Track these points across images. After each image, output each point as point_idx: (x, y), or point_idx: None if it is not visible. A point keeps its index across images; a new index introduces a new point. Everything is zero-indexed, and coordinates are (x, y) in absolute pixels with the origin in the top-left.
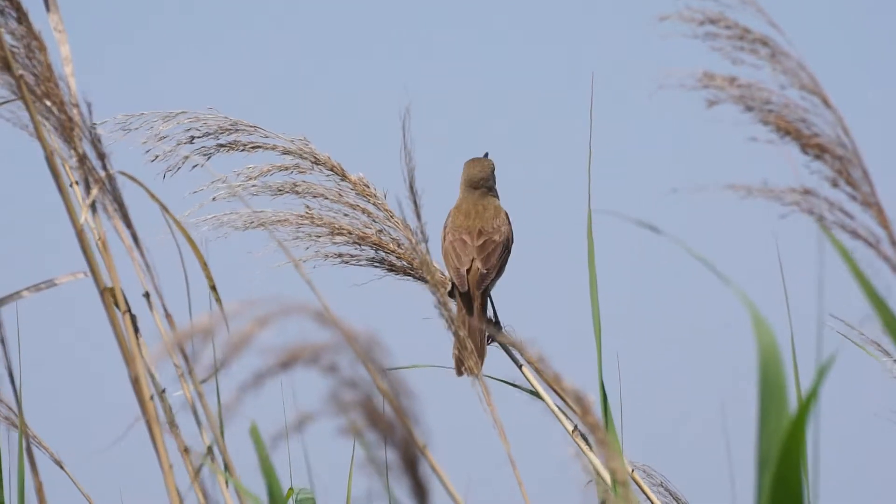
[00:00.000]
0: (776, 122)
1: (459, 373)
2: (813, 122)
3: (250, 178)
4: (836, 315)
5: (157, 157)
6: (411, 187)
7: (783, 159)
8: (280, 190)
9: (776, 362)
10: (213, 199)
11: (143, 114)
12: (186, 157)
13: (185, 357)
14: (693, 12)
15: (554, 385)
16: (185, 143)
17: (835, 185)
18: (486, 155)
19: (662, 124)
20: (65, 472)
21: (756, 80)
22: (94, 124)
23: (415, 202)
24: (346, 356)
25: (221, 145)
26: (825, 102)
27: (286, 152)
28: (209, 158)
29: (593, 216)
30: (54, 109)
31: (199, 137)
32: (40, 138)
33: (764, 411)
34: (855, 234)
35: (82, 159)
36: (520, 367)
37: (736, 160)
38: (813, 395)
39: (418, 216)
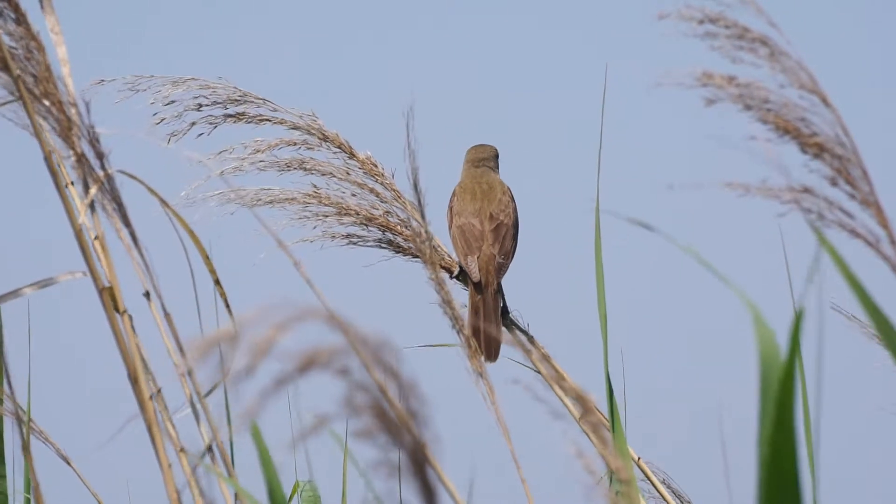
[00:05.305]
0: (775, 121)
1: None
2: (812, 121)
3: (258, 152)
4: (837, 308)
5: (162, 119)
6: (416, 187)
7: (780, 158)
8: (288, 166)
9: (776, 360)
10: (221, 172)
11: (152, 76)
12: (193, 124)
13: (186, 361)
14: (693, 11)
15: (558, 382)
16: (193, 110)
17: (834, 184)
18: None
19: (664, 120)
20: (71, 467)
21: (755, 79)
22: (92, 125)
23: (419, 202)
24: (357, 360)
25: (229, 115)
26: (824, 101)
27: (294, 127)
28: (215, 128)
29: (593, 214)
30: (53, 109)
31: (207, 105)
32: (39, 138)
33: (764, 411)
34: (854, 233)
35: (80, 158)
36: (528, 354)
37: (738, 157)
38: (795, 345)
39: (423, 216)
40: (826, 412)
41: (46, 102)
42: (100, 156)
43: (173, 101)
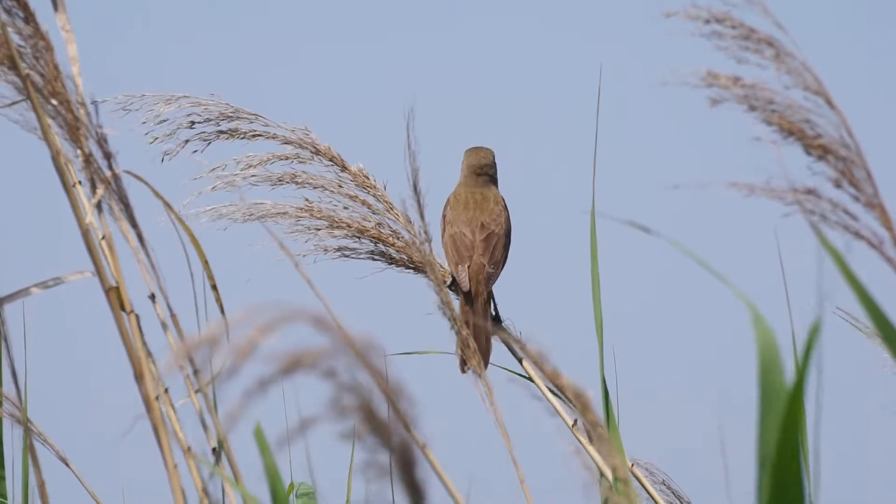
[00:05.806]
0: (779, 123)
1: (463, 370)
2: (816, 122)
3: (249, 167)
4: (840, 308)
5: (156, 139)
6: (415, 188)
7: (782, 159)
8: (280, 180)
9: (776, 360)
10: (213, 188)
11: (144, 95)
12: (186, 142)
13: (192, 362)
14: (699, 10)
15: (553, 381)
16: (186, 128)
17: (838, 185)
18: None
19: (667, 120)
20: (70, 469)
21: (760, 80)
22: (100, 125)
23: (418, 202)
24: (345, 361)
25: (222, 132)
26: (829, 103)
27: (286, 142)
28: (209, 144)
29: (591, 216)
30: (61, 109)
31: (199, 123)
32: (47, 138)
33: (764, 410)
34: (858, 235)
35: (88, 159)
36: (520, 361)
37: (742, 158)
38: (806, 359)
39: (422, 216)
40: (826, 412)
41: (54, 102)
42: (107, 156)
43: (165, 120)
